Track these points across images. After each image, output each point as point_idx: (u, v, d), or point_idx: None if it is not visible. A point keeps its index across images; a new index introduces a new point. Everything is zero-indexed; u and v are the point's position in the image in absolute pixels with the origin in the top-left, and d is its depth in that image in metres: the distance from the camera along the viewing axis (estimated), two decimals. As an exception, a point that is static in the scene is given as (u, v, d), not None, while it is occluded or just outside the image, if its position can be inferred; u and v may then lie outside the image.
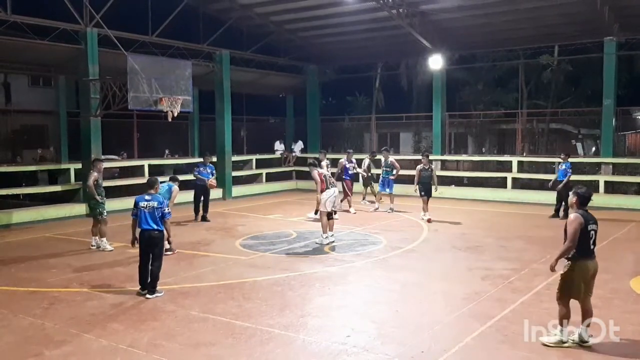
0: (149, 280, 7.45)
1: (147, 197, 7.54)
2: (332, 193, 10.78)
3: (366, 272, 8.85)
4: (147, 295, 7.36)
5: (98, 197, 10.59)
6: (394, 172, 15.53)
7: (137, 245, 7.59)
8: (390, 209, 15.20)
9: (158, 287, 7.50)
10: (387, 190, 15.43)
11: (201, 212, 13.86)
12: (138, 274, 7.56)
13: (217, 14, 19.11)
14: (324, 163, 14.64)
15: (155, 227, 7.45)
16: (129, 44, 15.82)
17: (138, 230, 7.50)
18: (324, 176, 10.94)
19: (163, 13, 16.50)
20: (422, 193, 13.87)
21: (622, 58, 19.08)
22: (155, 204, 7.49)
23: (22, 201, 15.44)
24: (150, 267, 7.47)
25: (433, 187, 14.03)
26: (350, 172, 15.75)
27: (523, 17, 17.24)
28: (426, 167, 14.03)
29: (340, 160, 15.96)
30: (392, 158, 15.95)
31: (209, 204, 14.12)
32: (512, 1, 16.41)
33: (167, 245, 10.04)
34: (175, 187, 10.63)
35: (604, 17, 16.29)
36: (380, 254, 9.99)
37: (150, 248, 7.50)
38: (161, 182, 10.58)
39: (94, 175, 10.53)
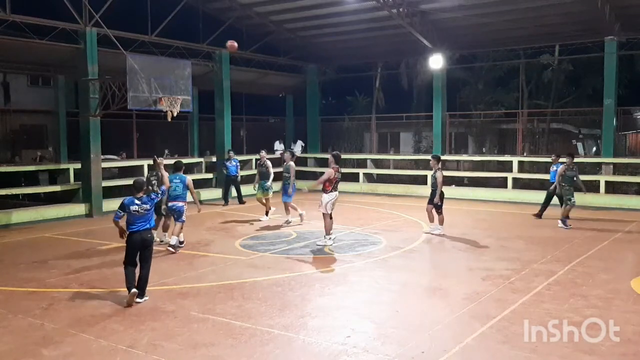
0: (140, 283, 7.05)
1: (137, 201, 7.10)
2: (334, 196, 10.52)
3: (366, 272, 8.83)
4: (137, 299, 6.98)
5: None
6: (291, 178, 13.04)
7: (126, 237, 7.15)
8: (287, 221, 13.07)
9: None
10: (288, 199, 13.05)
11: (229, 199, 17.14)
12: (126, 280, 7.01)
13: (216, 13, 19.11)
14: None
15: (148, 226, 7.14)
16: (128, 44, 15.81)
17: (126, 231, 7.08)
18: (337, 179, 10.50)
19: (162, 12, 16.50)
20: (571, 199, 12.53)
21: (623, 58, 19.09)
22: (147, 206, 7.15)
23: (21, 201, 15.43)
24: (141, 272, 7.10)
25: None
26: None
27: (523, 16, 17.23)
28: (571, 167, 12.76)
29: None
30: (292, 162, 13.19)
31: (241, 191, 17.35)
32: (512, 0, 16.41)
33: (174, 241, 10.04)
34: (188, 177, 10.52)
35: (605, 17, 16.27)
36: (380, 254, 9.97)
37: (142, 251, 7.11)
38: (170, 175, 10.55)
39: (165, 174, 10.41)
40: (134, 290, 6.95)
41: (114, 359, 5.46)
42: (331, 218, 10.66)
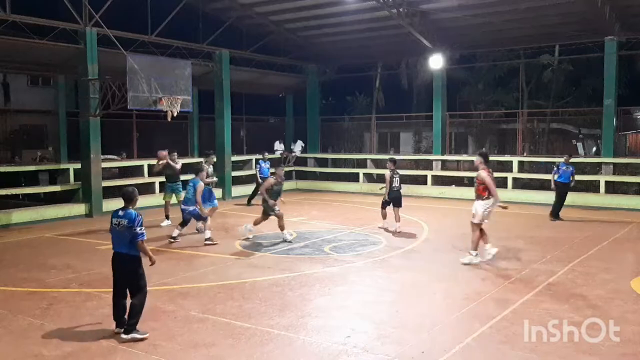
0: (126, 315, 5.98)
1: (120, 213, 6.06)
2: (492, 203, 9.35)
3: (366, 272, 8.83)
4: (122, 335, 5.86)
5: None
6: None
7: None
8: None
9: (139, 328, 5.90)
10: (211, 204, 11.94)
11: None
12: (112, 306, 6.16)
13: (216, 14, 19.10)
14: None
15: (125, 251, 5.98)
16: (129, 44, 15.79)
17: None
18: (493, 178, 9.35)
19: (162, 12, 16.49)
20: None
21: (623, 58, 19.05)
22: (126, 222, 5.94)
23: (21, 201, 15.43)
24: (131, 300, 6.01)
25: None
26: None
27: (523, 16, 17.22)
28: None
29: None
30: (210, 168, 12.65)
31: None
32: (512, 0, 16.39)
33: (207, 234, 10.70)
34: (200, 183, 10.81)
35: (605, 17, 16.26)
36: (380, 254, 9.98)
37: (123, 276, 6.06)
38: (185, 179, 11.03)
39: None
40: (117, 329, 6.00)
41: (114, 359, 5.46)
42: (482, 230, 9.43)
